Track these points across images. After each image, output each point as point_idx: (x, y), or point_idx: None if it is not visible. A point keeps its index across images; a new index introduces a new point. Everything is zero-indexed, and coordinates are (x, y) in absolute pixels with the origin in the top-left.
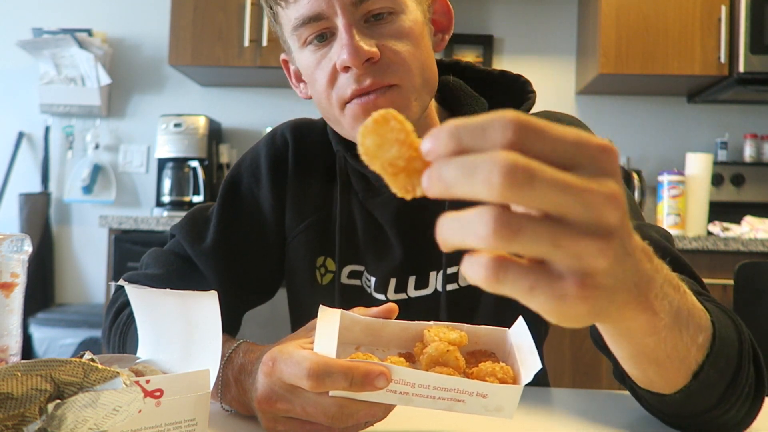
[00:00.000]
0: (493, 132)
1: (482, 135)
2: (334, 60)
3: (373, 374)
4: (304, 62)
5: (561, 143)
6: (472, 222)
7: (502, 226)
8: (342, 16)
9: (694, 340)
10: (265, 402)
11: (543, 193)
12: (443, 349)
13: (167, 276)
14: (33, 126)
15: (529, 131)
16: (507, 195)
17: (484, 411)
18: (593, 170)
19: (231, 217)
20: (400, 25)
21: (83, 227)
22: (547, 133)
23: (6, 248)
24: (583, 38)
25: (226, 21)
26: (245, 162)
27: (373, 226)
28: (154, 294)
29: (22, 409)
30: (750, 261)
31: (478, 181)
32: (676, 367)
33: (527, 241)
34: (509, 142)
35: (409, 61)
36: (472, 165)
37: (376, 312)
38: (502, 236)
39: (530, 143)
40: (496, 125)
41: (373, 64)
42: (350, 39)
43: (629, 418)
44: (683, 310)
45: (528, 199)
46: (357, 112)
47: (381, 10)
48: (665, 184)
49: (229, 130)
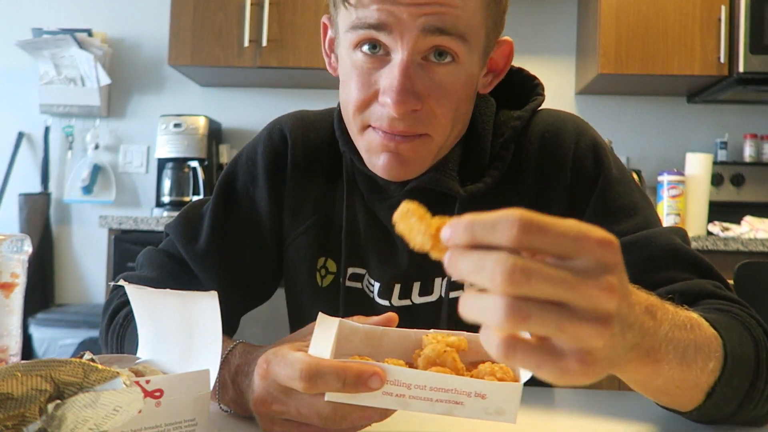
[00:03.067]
0: (501, 229)
1: (492, 231)
2: (376, 86)
3: (366, 374)
4: (348, 63)
5: (562, 239)
6: (489, 307)
7: (513, 313)
8: (405, 44)
9: (704, 370)
10: (260, 404)
11: (540, 288)
12: (440, 349)
13: (161, 278)
14: (33, 126)
15: (533, 229)
16: (508, 290)
17: (484, 415)
18: (592, 263)
19: (225, 217)
20: (454, 78)
21: (83, 227)
22: (549, 229)
23: (6, 248)
24: (583, 38)
25: (226, 21)
26: (242, 158)
27: (378, 228)
28: (154, 294)
29: (22, 409)
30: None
31: (485, 277)
32: (687, 394)
33: (535, 326)
34: (515, 238)
35: (446, 118)
36: (480, 263)
37: (376, 321)
38: (513, 322)
39: (534, 239)
40: (504, 223)
41: (413, 112)
42: (402, 81)
43: (630, 418)
44: (690, 349)
45: (528, 292)
46: (374, 144)
47: (446, 50)
48: (665, 184)
49: (229, 130)
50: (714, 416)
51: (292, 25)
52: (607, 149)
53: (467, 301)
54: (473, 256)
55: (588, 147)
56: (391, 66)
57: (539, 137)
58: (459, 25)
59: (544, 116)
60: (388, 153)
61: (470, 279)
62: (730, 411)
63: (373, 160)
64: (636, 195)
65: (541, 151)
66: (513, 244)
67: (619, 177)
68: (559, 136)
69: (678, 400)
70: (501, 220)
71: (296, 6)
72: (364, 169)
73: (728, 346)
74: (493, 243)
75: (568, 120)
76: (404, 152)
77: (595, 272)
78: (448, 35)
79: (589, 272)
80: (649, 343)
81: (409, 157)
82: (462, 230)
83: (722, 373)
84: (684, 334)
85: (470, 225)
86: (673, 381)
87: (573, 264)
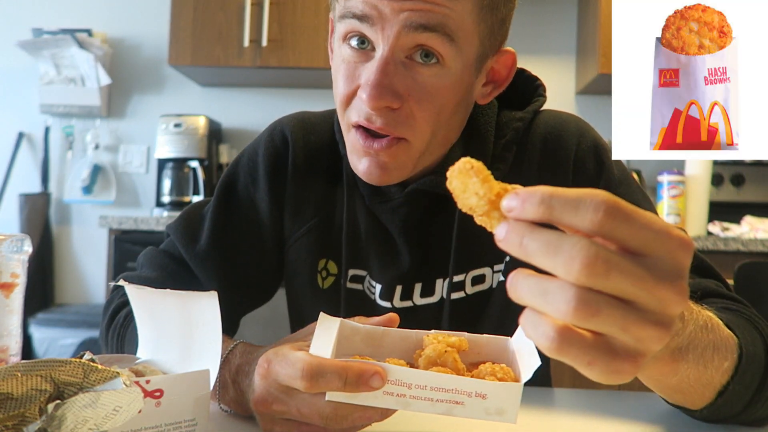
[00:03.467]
0: (585, 211)
1: (574, 211)
2: (358, 81)
3: (368, 373)
4: (338, 57)
5: (645, 232)
6: (554, 294)
7: (583, 306)
8: (386, 38)
9: (719, 369)
10: (261, 404)
11: (617, 283)
12: (441, 349)
13: (161, 279)
14: (33, 126)
15: (619, 216)
16: (583, 281)
17: (485, 415)
18: (668, 263)
19: (226, 219)
20: (438, 81)
21: (83, 227)
22: (635, 220)
23: (6, 248)
24: (583, 38)
25: (226, 21)
26: (243, 160)
27: (379, 230)
28: (154, 294)
29: (22, 409)
30: (750, 261)
31: (559, 262)
32: (699, 392)
33: (601, 323)
34: (599, 223)
35: (427, 122)
36: (557, 245)
37: (377, 321)
38: (580, 315)
39: (617, 227)
40: (589, 204)
41: (390, 110)
42: (379, 76)
43: (630, 418)
44: (708, 349)
45: (604, 286)
46: (357, 147)
47: (431, 51)
48: (665, 184)
49: (229, 130)
50: (722, 415)
51: (292, 25)
52: (609, 151)
53: (523, 281)
54: (547, 236)
55: (589, 148)
56: (373, 61)
57: (541, 139)
58: (445, 24)
59: (545, 117)
60: (368, 157)
61: (536, 260)
62: (738, 410)
63: (355, 162)
64: (638, 196)
65: (542, 153)
66: (594, 229)
67: (621, 178)
68: (561, 138)
69: (690, 398)
70: (585, 199)
71: (296, 6)
72: None
73: (744, 348)
74: (571, 224)
75: (569, 121)
76: (383, 158)
77: (671, 275)
78: (433, 32)
79: (665, 273)
80: (676, 344)
81: (387, 163)
82: (537, 202)
83: (735, 372)
84: (705, 335)
85: (548, 198)
86: (688, 380)
87: (651, 261)
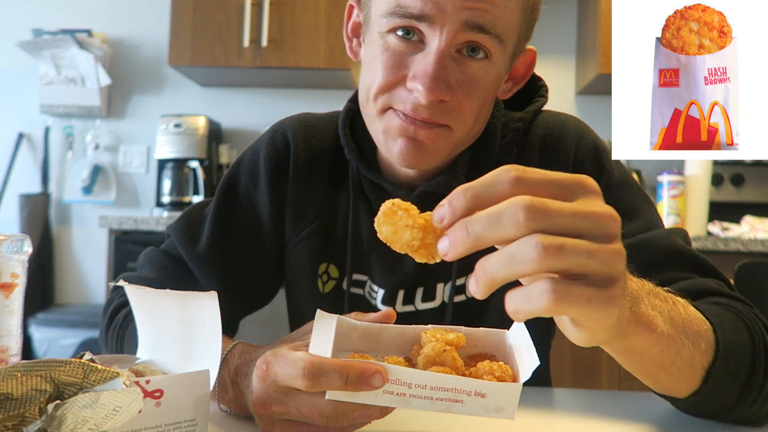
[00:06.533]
0: (509, 220)
1: (498, 220)
2: (405, 71)
3: (369, 372)
4: (378, 45)
5: (574, 218)
6: (520, 250)
7: (548, 244)
8: (444, 34)
9: (697, 346)
10: (260, 405)
11: (560, 220)
12: (440, 348)
13: (161, 280)
14: (33, 126)
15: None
16: (532, 225)
17: (483, 412)
18: (603, 235)
19: (226, 221)
20: (485, 75)
21: (83, 228)
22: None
23: (6, 249)
24: (583, 38)
25: (225, 21)
26: (244, 161)
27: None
28: (154, 294)
29: (22, 409)
30: (750, 261)
31: (506, 223)
32: (683, 371)
33: (569, 254)
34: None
35: (472, 113)
36: (497, 212)
37: (374, 318)
38: (550, 254)
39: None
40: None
41: (440, 102)
42: (437, 69)
43: (630, 418)
44: (677, 318)
45: (549, 224)
46: (392, 127)
47: (480, 47)
48: (665, 184)
49: (229, 130)
50: (712, 406)
51: (292, 25)
52: (608, 152)
53: (487, 261)
54: (484, 212)
55: (589, 150)
56: (426, 53)
57: (540, 140)
58: (497, 25)
59: (545, 118)
60: (405, 138)
61: (486, 237)
62: (728, 403)
63: (390, 144)
64: (638, 198)
65: (541, 154)
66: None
67: (621, 180)
68: (560, 139)
69: (675, 380)
70: (498, 177)
71: (296, 6)
72: (372, 176)
73: (719, 332)
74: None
75: (569, 123)
76: (422, 139)
77: (606, 238)
78: (486, 34)
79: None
80: (636, 302)
81: (426, 145)
82: (461, 194)
83: (715, 356)
84: (666, 305)
85: (468, 187)
86: (669, 351)
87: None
